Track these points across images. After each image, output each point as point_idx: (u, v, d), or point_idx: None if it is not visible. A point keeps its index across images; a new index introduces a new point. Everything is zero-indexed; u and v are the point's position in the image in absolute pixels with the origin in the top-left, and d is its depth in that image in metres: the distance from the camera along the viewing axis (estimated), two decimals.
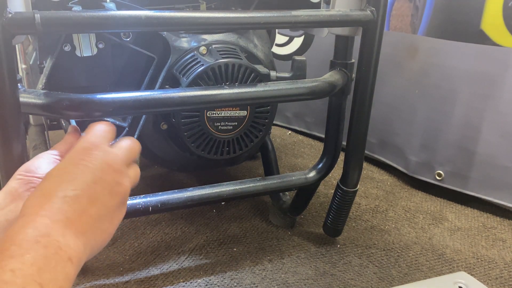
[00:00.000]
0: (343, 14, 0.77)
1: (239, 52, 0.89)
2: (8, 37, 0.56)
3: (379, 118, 1.33)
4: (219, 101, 0.74)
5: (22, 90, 0.60)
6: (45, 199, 0.40)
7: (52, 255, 0.36)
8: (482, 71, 1.11)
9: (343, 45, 0.86)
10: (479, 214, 1.17)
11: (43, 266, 0.35)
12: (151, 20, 0.64)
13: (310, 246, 0.99)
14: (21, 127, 0.60)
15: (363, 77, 0.83)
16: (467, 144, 1.17)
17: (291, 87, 0.79)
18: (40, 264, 0.35)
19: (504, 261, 0.97)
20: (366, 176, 1.35)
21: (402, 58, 1.27)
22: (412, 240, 1.03)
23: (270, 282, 0.87)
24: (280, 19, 0.73)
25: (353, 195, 0.94)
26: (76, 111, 0.63)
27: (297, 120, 1.66)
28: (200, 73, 0.83)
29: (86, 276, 0.86)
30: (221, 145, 0.91)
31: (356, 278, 0.90)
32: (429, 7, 1.18)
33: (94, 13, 0.60)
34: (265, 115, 0.92)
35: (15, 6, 0.60)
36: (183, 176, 1.29)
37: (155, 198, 0.80)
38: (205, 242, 0.99)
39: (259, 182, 0.90)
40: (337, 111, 0.91)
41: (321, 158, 0.95)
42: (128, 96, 0.66)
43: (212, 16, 0.68)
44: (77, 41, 0.80)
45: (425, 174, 1.26)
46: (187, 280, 0.87)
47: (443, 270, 0.93)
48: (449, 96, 1.17)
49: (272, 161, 1.12)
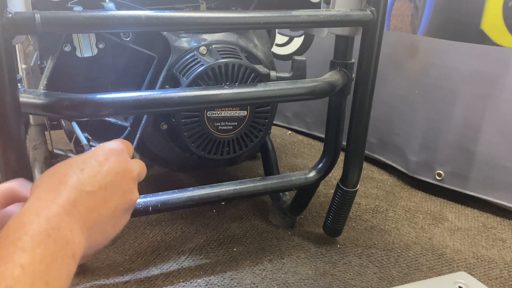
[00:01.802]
0: (343, 14, 0.77)
1: (239, 52, 0.89)
2: (8, 37, 0.56)
3: (379, 118, 1.34)
4: (219, 101, 0.74)
5: (22, 90, 0.60)
6: (62, 186, 0.41)
7: (59, 251, 0.37)
8: (482, 71, 1.11)
9: (343, 45, 0.86)
10: (479, 214, 1.17)
11: (50, 263, 0.36)
12: (151, 20, 0.64)
13: (310, 246, 0.99)
14: (21, 127, 0.60)
15: (363, 77, 0.83)
16: (467, 144, 1.17)
17: (291, 87, 0.79)
18: (48, 261, 0.36)
19: (504, 261, 0.97)
20: (366, 176, 1.35)
21: (402, 58, 1.27)
22: (412, 240, 1.03)
23: (270, 282, 0.87)
24: (280, 19, 0.73)
25: (353, 195, 0.94)
26: (76, 111, 0.63)
27: (297, 120, 1.66)
28: (200, 73, 0.83)
29: (86, 276, 0.86)
30: (221, 145, 0.91)
31: (356, 278, 0.90)
32: (429, 7, 1.18)
33: (94, 13, 0.60)
34: (265, 115, 0.92)
35: (15, 6, 0.60)
36: (183, 176, 1.29)
37: (155, 198, 0.80)
38: (205, 242, 0.99)
39: (259, 182, 0.90)
40: (337, 111, 0.91)
41: (321, 158, 0.95)
42: (128, 96, 0.66)
43: (212, 16, 0.68)
44: (77, 42, 0.80)
45: (425, 174, 1.26)
46: (187, 280, 0.87)
47: (443, 270, 0.93)
48: (449, 96, 1.17)
49: (272, 161, 1.12)
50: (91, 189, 0.42)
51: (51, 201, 0.39)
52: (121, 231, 1.06)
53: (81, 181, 0.42)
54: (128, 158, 0.49)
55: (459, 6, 1.11)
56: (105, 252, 0.94)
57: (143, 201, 0.79)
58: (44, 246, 0.36)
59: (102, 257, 0.92)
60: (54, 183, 0.42)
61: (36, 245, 0.36)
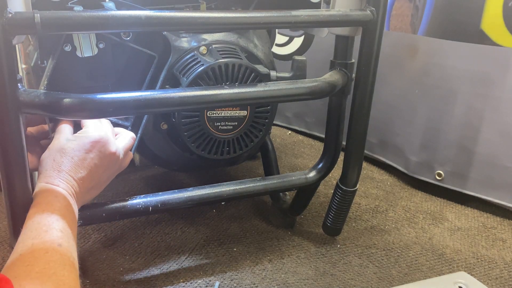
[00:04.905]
0: (343, 14, 0.77)
1: (239, 52, 0.89)
2: (8, 37, 0.56)
3: (379, 118, 1.34)
4: (219, 101, 0.74)
5: (22, 90, 0.60)
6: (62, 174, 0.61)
7: (73, 219, 0.59)
8: (482, 71, 1.11)
9: (343, 45, 0.86)
10: (479, 214, 1.17)
11: (72, 226, 0.58)
12: (151, 20, 0.64)
13: (310, 246, 0.99)
14: (21, 127, 0.60)
15: (363, 77, 0.83)
16: (467, 144, 1.17)
17: (291, 87, 0.79)
18: (70, 225, 0.57)
19: (504, 261, 0.97)
20: (366, 176, 1.35)
21: (402, 58, 1.27)
22: (412, 240, 1.03)
23: (270, 282, 0.87)
24: (280, 19, 0.73)
25: (352, 194, 0.94)
26: (77, 111, 0.63)
27: (297, 120, 1.66)
28: (200, 73, 0.83)
29: (86, 276, 0.86)
30: (221, 145, 0.91)
31: (356, 278, 0.90)
32: (429, 7, 1.18)
33: (94, 13, 0.60)
34: (265, 115, 0.92)
35: (15, 6, 0.59)
36: (183, 176, 1.29)
37: (155, 198, 0.80)
38: (205, 242, 0.99)
39: (259, 182, 0.90)
40: (337, 111, 0.91)
41: (321, 158, 0.95)
42: (128, 96, 0.66)
43: (212, 16, 0.68)
44: (78, 41, 0.80)
45: (425, 174, 1.26)
46: (187, 280, 0.87)
47: (443, 270, 0.93)
48: (449, 96, 1.17)
49: (272, 161, 1.12)
50: (81, 174, 0.63)
51: (58, 187, 0.60)
52: (121, 231, 1.06)
53: (74, 169, 0.62)
54: (110, 140, 0.67)
55: (459, 6, 1.11)
56: (105, 252, 0.94)
57: (143, 201, 0.79)
58: (67, 216, 0.57)
59: (102, 257, 0.92)
60: (55, 171, 0.61)
61: (63, 216, 0.57)
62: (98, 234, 1.00)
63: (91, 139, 0.65)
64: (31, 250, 0.51)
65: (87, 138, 0.65)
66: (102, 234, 1.00)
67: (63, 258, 0.52)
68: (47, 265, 0.49)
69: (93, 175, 0.65)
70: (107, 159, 0.66)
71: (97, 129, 0.67)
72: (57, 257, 0.51)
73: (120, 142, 0.71)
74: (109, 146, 0.67)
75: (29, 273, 0.48)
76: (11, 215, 0.62)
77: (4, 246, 0.94)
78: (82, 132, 0.67)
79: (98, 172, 0.66)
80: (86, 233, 1.00)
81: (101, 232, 1.01)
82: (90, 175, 0.64)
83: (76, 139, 0.65)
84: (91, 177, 0.65)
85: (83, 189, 0.64)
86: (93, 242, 0.97)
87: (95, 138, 0.65)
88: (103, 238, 0.99)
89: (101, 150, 0.65)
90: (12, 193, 0.61)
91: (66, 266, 0.51)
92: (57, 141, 0.65)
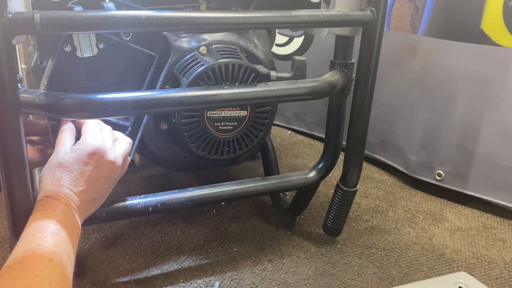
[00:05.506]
0: (343, 14, 0.77)
1: (239, 52, 0.89)
2: (8, 37, 0.56)
3: (379, 118, 1.34)
4: (219, 101, 0.74)
5: (22, 90, 0.60)
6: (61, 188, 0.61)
7: (71, 234, 0.58)
8: (482, 71, 1.11)
9: (343, 45, 0.86)
10: (479, 214, 1.17)
11: (68, 241, 0.57)
12: (151, 20, 0.64)
13: (310, 246, 0.99)
14: (21, 127, 0.60)
15: (363, 77, 0.83)
16: (467, 144, 1.17)
17: (291, 87, 0.79)
18: (67, 240, 0.57)
19: (504, 261, 0.97)
20: (366, 176, 1.35)
21: (402, 58, 1.27)
22: (412, 240, 1.03)
23: (270, 282, 0.87)
24: (280, 19, 0.73)
25: (352, 195, 0.94)
26: (77, 111, 0.63)
27: (297, 120, 1.66)
28: (200, 73, 0.83)
29: (86, 276, 0.86)
30: (221, 145, 0.91)
31: (356, 278, 0.90)
32: (429, 7, 1.18)
33: (94, 13, 0.60)
34: (265, 115, 0.92)
35: (15, 6, 0.59)
36: (183, 176, 1.29)
37: (155, 198, 0.80)
38: (205, 242, 0.99)
39: (259, 182, 0.90)
40: (337, 111, 0.91)
41: (321, 158, 0.95)
42: (128, 96, 0.66)
43: (212, 16, 0.68)
44: (78, 42, 0.80)
45: (425, 174, 1.26)
46: (187, 280, 0.87)
47: (443, 270, 0.93)
48: (449, 96, 1.17)
49: (272, 161, 1.12)
50: (81, 188, 0.63)
51: (58, 200, 0.59)
52: (121, 231, 1.06)
53: (73, 182, 0.62)
54: (108, 149, 0.66)
55: (459, 6, 1.11)
56: (105, 252, 0.94)
57: (143, 201, 0.79)
58: (64, 230, 0.57)
59: (102, 257, 0.92)
60: (54, 186, 0.61)
61: (59, 230, 0.56)
62: (98, 234, 1.00)
63: (88, 151, 0.64)
64: (21, 263, 0.51)
65: (84, 150, 0.64)
66: (102, 234, 1.00)
67: (51, 274, 0.51)
68: (32, 280, 0.49)
69: (94, 187, 0.65)
70: (106, 169, 0.66)
71: (95, 138, 0.66)
72: (45, 273, 0.51)
73: (118, 149, 0.70)
74: (107, 156, 0.66)
75: (12, 287, 0.48)
76: (11, 215, 0.62)
77: (4, 246, 0.94)
78: (80, 143, 0.66)
79: (99, 183, 0.65)
80: (86, 233, 1.00)
81: (101, 232, 1.01)
82: (91, 187, 0.64)
83: (74, 152, 0.64)
84: (92, 190, 0.64)
85: (85, 202, 0.64)
86: (93, 242, 0.97)
87: (92, 150, 0.64)
88: (103, 238, 0.99)
89: (99, 161, 0.64)
90: (12, 193, 0.61)
91: (53, 282, 0.50)
92: (55, 155, 0.64)
